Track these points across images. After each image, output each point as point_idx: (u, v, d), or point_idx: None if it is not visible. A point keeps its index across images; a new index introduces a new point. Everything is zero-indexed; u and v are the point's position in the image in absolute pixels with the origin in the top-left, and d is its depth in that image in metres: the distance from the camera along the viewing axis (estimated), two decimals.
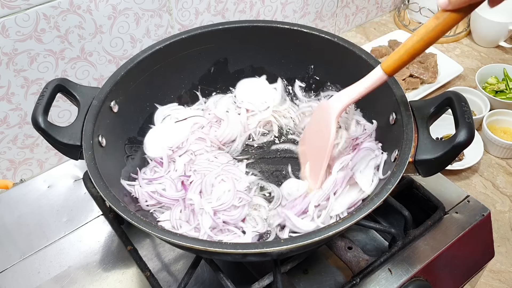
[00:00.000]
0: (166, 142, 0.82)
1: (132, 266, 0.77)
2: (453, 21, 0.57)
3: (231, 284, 0.67)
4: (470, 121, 0.61)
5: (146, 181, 0.77)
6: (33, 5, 0.84)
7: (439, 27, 0.58)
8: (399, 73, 1.24)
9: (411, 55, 0.61)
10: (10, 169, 1.00)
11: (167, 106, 0.87)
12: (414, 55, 0.62)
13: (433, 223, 0.78)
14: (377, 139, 0.78)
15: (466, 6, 0.55)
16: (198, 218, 0.71)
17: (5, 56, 0.86)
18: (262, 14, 1.20)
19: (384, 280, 0.72)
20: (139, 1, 0.96)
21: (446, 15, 0.57)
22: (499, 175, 1.07)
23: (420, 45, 0.60)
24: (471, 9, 0.56)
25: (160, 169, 0.80)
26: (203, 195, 0.75)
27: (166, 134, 0.84)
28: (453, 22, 0.57)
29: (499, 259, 0.93)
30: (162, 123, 0.86)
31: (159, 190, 0.75)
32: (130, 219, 0.58)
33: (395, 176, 0.61)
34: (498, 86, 1.22)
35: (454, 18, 0.56)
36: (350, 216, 0.58)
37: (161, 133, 0.84)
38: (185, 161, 0.81)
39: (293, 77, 0.91)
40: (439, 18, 0.57)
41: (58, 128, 0.68)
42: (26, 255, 0.80)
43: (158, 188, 0.75)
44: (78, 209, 0.86)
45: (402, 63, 0.63)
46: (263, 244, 0.55)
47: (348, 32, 1.47)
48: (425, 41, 0.59)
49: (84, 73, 0.98)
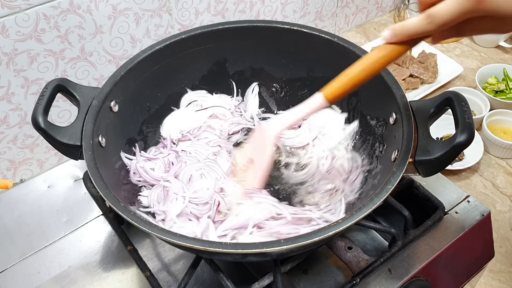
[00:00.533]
0: (180, 125, 0.85)
1: (132, 266, 0.77)
2: (397, 53, 0.57)
3: (231, 284, 0.67)
4: (470, 121, 0.61)
5: (144, 158, 0.79)
6: (33, 5, 0.84)
7: (382, 59, 0.58)
8: (399, 73, 1.24)
9: (353, 85, 0.62)
10: (10, 169, 1.00)
11: (196, 92, 0.89)
12: (356, 85, 0.62)
13: (433, 223, 0.78)
14: (377, 140, 0.78)
15: (410, 40, 0.55)
16: (168, 204, 0.72)
17: (5, 56, 0.86)
18: (262, 14, 1.20)
19: (384, 280, 0.72)
20: (139, 1, 0.96)
21: (390, 47, 0.57)
22: (499, 175, 1.07)
23: (363, 75, 0.60)
24: (415, 42, 0.56)
25: (165, 150, 0.82)
26: (181, 182, 0.76)
27: (184, 119, 0.86)
28: (397, 55, 0.57)
29: (499, 259, 0.93)
30: (186, 107, 0.89)
31: (146, 168, 0.77)
32: (130, 219, 0.58)
33: (395, 176, 0.61)
34: (498, 86, 1.22)
35: (398, 51, 0.57)
36: (350, 216, 0.57)
37: (180, 116, 0.87)
38: (184, 146, 0.83)
39: (292, 78, 0.91)
40: (382, 50, 0.58)
41: (58, 128, 0.68)
42: (26, 255, 0.80)
43: (146, 166, 0.77)
44: (78, 209, 0.86)
45: (344, 92, 0.63)
46: (263, 244, 0.55)
47: (348, 32, 1.47)
48: (368, 72, 0.60)
49: (84, 73, 0.98)
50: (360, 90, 0.82)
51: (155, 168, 0.79)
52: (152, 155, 0.82)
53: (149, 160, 0.80)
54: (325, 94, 0.65)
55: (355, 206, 0.73)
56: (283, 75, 0.91)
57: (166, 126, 0.86)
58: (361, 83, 0.61)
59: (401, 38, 0.55)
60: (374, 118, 0.80)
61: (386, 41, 0.57)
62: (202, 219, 0.71)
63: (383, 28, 1.48)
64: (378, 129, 0.79)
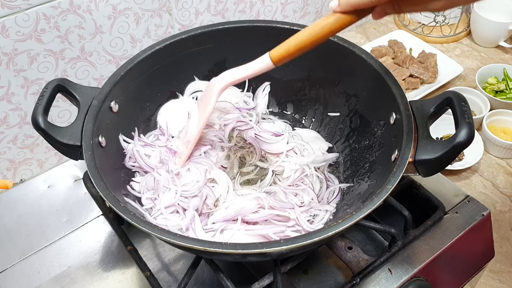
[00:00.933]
0: (178, 115, 0.85)
1: (132, 266, 0.77)
2: (342, 23, 0.59)
3: (231, 284, 0.67)
4: (470, 121, 0.61)
5: (142, 143, 0.80)
6: (33, 5, 0.84)
7: (328, 26, 0.60)
8: (399, 73, 1.24)
9: (299, 48, 0.63)
10: (10, 169, 1.00)
11: (204, 82, 0.89)
12: (302, 49, 0.63)
13: (433, 223, 0.78)
14: (377, 140, 0.78)
15: (354, 10, 0.57)
16: (160, 194, 0.73)
17: (5, 56, 0.86)
18: (262, 14, 1.20)
19: (384, 280, 0.72)
20: (139, 1, 0.96)
21: (336, 16, 0.59)
22: (499, 175, 1.07)
23: (308, 41, 0.62)
24: (360, 15, 0.58)
25: (162, 138, 0.83)
26: (172, 174, 0.77)
27: (184, 109, 0.86)
28: (342, 24, 0.59)
29: (499, 259, 0.93)
30: (189, 96, 0.89)
31: (142, 154, 0.78)
32: (130, 219, 0.58)
33: (395, 176, 0.61)
34: (498, 86, 1.22)
35: (344, 20, 0.59)
36: (350, 216, 0.58)
37: (180, 106, 0.87)
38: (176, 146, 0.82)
39: (291, 79, 0.91)
40: (329, 18, 0.60)
41: (58, 128, 0.68)
42: (26, 255, 0.80)
43: (142, 152, 0.78)
44: (78, 209, 0.86)
45: (290, 54, 0.65)
46: (263, 244, 0.55)
47: (348, 32, 1.47)
48: (313, 38, 0.62)
49: (84, 73, 0.98)
50: (360, 90, 0.83)
51: (152, 156, 0.79)
52: (150, 140, 0.82)
53: (146, 145, 0.80)
54: (271, 55, 0.67)
55: (331, 221, 0.74)
56: (283, 76, 0.91)
57: (163, 111, 0.86)
58: (306, 47, 0.63)
59: (345, 8, 0.58)
60: (373, 118, 0.80)
61: (331, 10, 0.59)
62: (188, 211, 0.72)
63: (383, 28, 1.48)
64: (377, 129, 0.79)
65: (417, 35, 1.40)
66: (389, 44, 1.35)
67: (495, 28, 1.34)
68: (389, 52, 1.32)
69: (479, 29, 1.38)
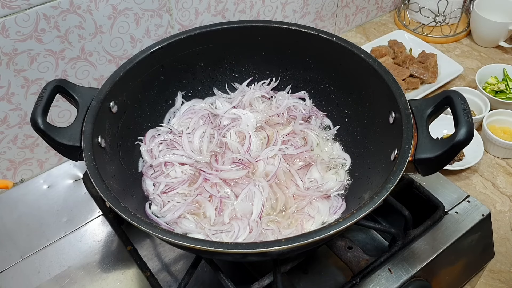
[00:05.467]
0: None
1: (132, 266, 0.77)
2: None
3: (231, 284, 0.67)
4: (470, 119, 0.61)
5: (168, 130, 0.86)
6: (33, 5, 0.84)
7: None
8: (399, 73, 1.24)
9: None
10: (10, 169, 1.00)
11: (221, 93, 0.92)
12: None
13: (433, 223, 0.78)
14: (376, 139, 0.78)
15: None
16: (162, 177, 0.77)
17: (5, 56, 0.86)
18: (262, 14, 1.20)
19: (384, 280, 0.72)
20: (139, 1, 0.96)
21: None
22: (499, 175, 1.06)
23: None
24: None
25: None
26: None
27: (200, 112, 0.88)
28: None
29: (499, 259, 0.92)
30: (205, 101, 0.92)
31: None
32: (130, 219, 0.58)
33: (395, 175, 0.61)
34: (498, 86, 1.22)
35: None
36: (350, 216, 0.57)
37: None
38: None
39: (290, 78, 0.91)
40: None
41: (57, 129, 0.68)
42: (26, 255, 0.80)
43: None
44: (78, 209, 0.86)
45: None
46: (263, 244, 0.55)
47: (348, 32, 1.47)
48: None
49: (84, 73, 0.98)
50: (359, 89, 0.83)
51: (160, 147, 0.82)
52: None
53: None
54: None
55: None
56: (283, 75, 0.91)
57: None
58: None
59: None
60: (373, 117, 0.80)
61: None
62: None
63: (383, 28, 1.48)
64: (378, 129, 0.79)
65: (417, 35, 1.40)
66: (389, 44, 1.35)
67: (495, 28, 1.34)
68: (389, 52, 1.32)
69: (479, 29, 1.38)
